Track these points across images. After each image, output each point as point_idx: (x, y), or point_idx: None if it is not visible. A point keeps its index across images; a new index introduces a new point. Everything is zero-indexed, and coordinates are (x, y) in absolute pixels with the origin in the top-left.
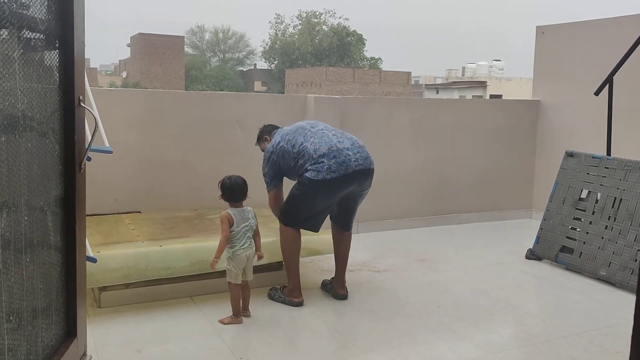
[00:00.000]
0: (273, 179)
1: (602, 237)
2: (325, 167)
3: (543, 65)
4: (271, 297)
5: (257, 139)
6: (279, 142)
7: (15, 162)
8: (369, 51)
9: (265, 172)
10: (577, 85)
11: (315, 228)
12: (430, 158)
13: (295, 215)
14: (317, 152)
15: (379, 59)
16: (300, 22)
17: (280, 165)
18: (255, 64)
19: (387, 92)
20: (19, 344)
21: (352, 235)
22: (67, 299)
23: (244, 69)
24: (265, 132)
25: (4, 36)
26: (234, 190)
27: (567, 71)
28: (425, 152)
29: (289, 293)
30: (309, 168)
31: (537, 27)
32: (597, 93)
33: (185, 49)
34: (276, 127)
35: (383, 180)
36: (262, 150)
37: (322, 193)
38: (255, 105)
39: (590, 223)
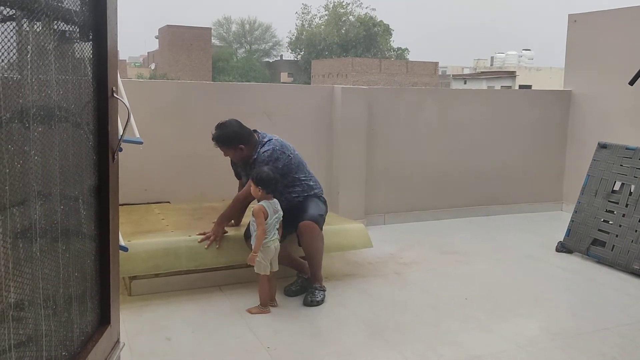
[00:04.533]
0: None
1: (636, 230)
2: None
3: (575, 55)
4: (317, 303)
5: (229, 143)
6: (294, 152)
7: (50, 152)
8: (396, 41)
9: (278, 167)
10: (611, 75)
11: None
12: (458, 149)
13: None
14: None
15: (406, 49)
16: (326, 12)
17: (284, 174)
18: (281, 55)
19: (414, 83)
20: (56, 330)
21: (379, 226)
22: (101, 287)
23: (270, 60)
24: (244, 139)
25: (39, 28)
26: (271, 182)
27: (599, 60)
28: (453, 143)
29: (321, 285)
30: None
31: (569, 15)
32: (631, 83)
33: (212, 41)
34: (254, 130)
35: (410, 171)
36: (240, 157)
37: None
38: (282, 96)
39: (624, 216)
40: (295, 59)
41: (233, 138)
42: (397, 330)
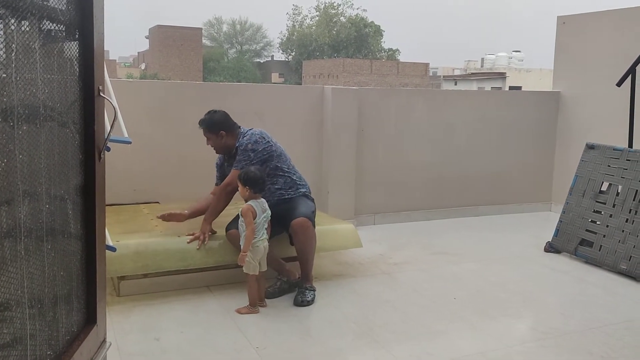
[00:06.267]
0: (253, 162)
1: (623, 231)
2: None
3: (564, 56)
4: (308, 303)
5: (212, 127)
6: (275, 143)
7: (36, 151)
8: (387, 42)
9: (258, 149)
10: (599, 76)
11: None
12: (448, 149)
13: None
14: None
15: (397, 50)
16: (317, 13)
17: (266, 160)
18: (272, 56)
19: (405, 84)
20: (41, 330)
21: (369, 226)
22: (88, 287)
23: (261, 61)
24: (226, 127)
25: (25, 27)
26: (258, 181)
27: (588, 62)
28: (443, 144)
29: (312, 285)
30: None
31: (558, 17)
32: (619, 84)
33: (203, 41)
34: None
35: (400, 171)
36: (220, 144)
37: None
38: (273, 96)
39: (611, 216)
40: (287, 59)
41: (217, 123)
42: (387, 329)
